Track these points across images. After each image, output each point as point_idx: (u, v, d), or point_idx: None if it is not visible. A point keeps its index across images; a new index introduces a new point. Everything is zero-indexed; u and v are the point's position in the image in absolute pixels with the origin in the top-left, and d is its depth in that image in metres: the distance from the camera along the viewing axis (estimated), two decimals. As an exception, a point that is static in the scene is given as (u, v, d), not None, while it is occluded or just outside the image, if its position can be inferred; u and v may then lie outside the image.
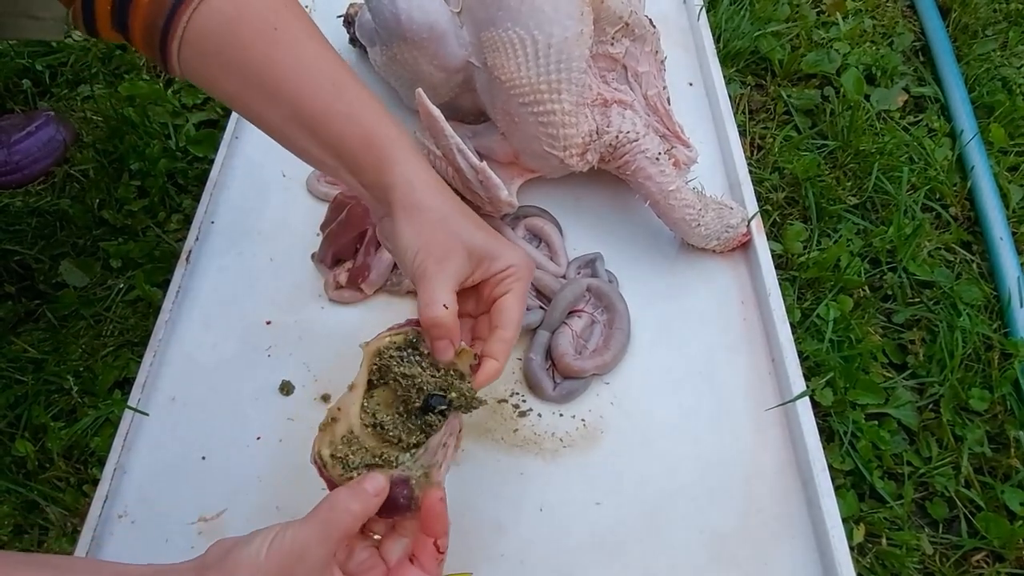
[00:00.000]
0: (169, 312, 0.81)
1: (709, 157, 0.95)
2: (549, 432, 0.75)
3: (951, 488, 0.84)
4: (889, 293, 0.99)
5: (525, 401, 0.77)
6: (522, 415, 0.76)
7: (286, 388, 0.78)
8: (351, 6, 1.05)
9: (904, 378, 0.91)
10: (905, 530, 0.81)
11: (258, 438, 0.75)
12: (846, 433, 0.85)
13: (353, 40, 1.05)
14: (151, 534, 0.69)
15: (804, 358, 0.88)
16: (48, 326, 0.94)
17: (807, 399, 0.74)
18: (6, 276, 0.99)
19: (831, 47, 1.26)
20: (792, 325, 0.80)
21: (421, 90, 0.77)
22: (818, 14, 1.33)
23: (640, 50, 0.85)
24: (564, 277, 0.84)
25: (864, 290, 0.99)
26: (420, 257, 0.56)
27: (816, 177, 1.08)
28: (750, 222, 0.86)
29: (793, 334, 0.78)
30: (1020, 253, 1.02)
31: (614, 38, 0.82)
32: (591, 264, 0.85)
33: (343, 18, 1.06)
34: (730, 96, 1.01)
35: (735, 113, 1.00)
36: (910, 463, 0.85)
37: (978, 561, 0.80)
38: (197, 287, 0.85)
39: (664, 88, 0.88)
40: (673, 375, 0.79)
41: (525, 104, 0.80)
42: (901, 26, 1.32)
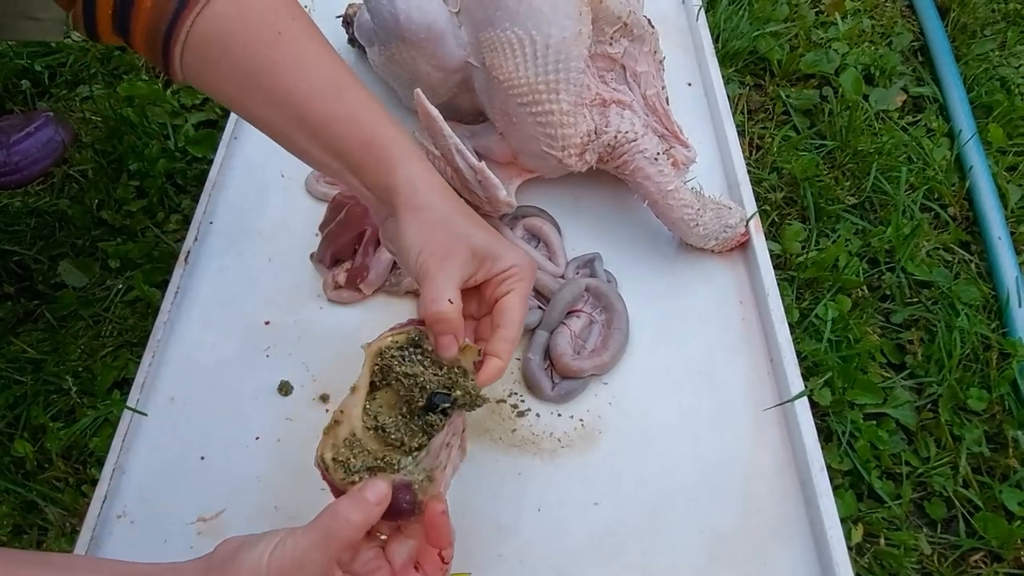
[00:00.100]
0: (168, 312, 0.81)
1: (708, 157, 0.95)
2: (547, 432, 0.75)
3: (949, 488, 0.84)
4: (887, 293, 0.99)
5: (524, 401, 0.77)
6: (520, 415, 0.76)
7: (285, 388, 0.78)
8: (350, 6, 1.05)
9: (902, 378, 0.91)
10: (903, 530, 0.81)
11: (257, 438, 0.75)
12: (844, 433, 0.85)
13: (352, 40, 1.05)
14: (150, 534, 0.70)
15: (802, 358, 0.88)
16: (47, 326, 0.95)
17: (805, 399, 0.74)
18: (5, 276, 0.99)
19: (830, 47, 1.26)
20: (790, 325, 0.80)
21: (419, 90, 0.77)
22: (817, 14, 1.33)
23: (639, 50, 0.85)
24: (563, 277, 0.84)
25: (862, 290, 0.99)
26: (423, 256, 0.56)
27: (814, 177, 1.08)
28: (748, 222, 0.86)
29: (791, 334, 0.79)
30: (1018, 253, 1.02)
31: (612, 38, 0.83)
32: (590, 264, 0.85)
33: (342, 18, 1.06)
34: (729, 96, 1.01)
35: (734, 113, 1.01)
36: (908, 463, 0.85)
37: (976, 561, 0.80)
38: (196, 287, 0.85)
39: (663, 88, 0.88)
40: (672, 375, 0.79)
41: (523, 104, 0.80)
42: (900, 26, 1.32)
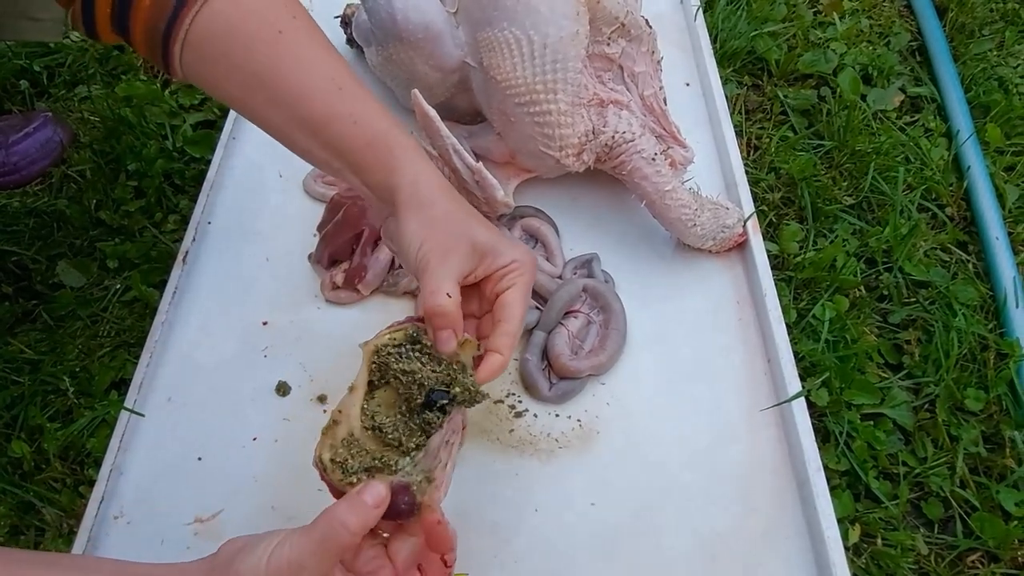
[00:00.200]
0: (166, 313, 0.81)
1: (705, 157, 0.95)
2: (545, 433, 0.75)
3: (946, 488, 0.84)
4: (885, 293, 0.99)
5: (521, 402, 0.77)
6: (518, 416, 0.76)
7: (282, 389, 0.78)
8: (348, 7, 1.05)
9: (900, 378, 0.92)
10: (900, 530, 0.81)
11: (254, 439, 0.75)
12: (841, 433, 0.86)
13: (350, 41, 1.05)
14: (147, 535, 0.69)
15: (800, 358, 0.88)
16: (45, 327, 0.95)
17: (803, 399, 0.74)
18: (3, 276, 0.99)
19: (828, 47, 1.26)
20: (788, 325, 0.80)
21: (417, 91, 0.77)
22: (815, 14, 1.33)
23: (636, 50, 0.85)
24: (560, 277, 0.84)
25: (860, 290, 0.99)
26: (423, 251, 0.56)
27: (812, 177, 1.08)
28: (746, 222, 0.86)
29: (789, 334, 0.79)
30: (1016, 253, 1.02)
31: (610, 38, 0.83)
32: (587, 264, 0.85)
33: (340, 18, 1.06)
34: (727, 96, 1.01)
35: (731, 113, 1.01)
36: (905, 463, 0.85)
37: (973, 561, 0.80)
38: (194, 288, 0.85)
39: (660, 88, 0.88)
40: (669, 375, 0.79)
41: (521, 104, 0.80)
42: (898, 26, 1.32)
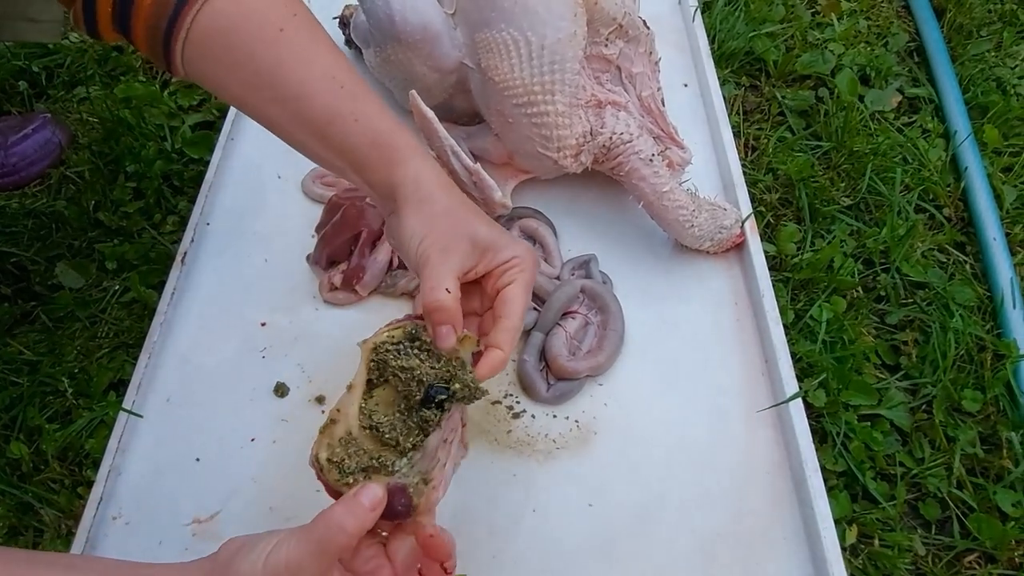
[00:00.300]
0: (164, 314, 0.81)
1: (703, 158, 0.95)
2: (542, 433, 0.75)
3: (943, 489, 0.84)
4: (882, 294, 0.99)
5: (519, 402, 0.77)
6: (516, 416, 0.76)
7: (280, 390, 0.78)
8: (346, 8, 1.05)
9: (897, 379, 0.92)
10: (897, 531, 0.81)
11: (252, 440, 0.75)
12: (839, 434, 0.86)
13: (349, 42, 1.05)
14: (145, 536, 0.70)
15: (797, 359, 0.88)
16: (43, 328, 0.95)
17: (800, 400, 0.74)
18: (2, 278, 0.99)
19: (826, 48, 1.26)
20: (785, 326, 0.81)
21: (415, 92, 0.77)
22: (813, 15, 1.34)
23: (634, 51, 0.85)
24: (558, 278, 0.84)
25: (857, 291, 0.99)
26: (423, 247, 0.56)
27: (810, 178, 1.08)
28: (744, 223, 0.86)
29: (786, 335, 0.79)
30: (1013, 254, 1.02)
31: (608, 39, 0.83)
32: (585, 265, 0.85)
33: (339, 19, 1.06)
34: (724, 97, 1.01)
35: (729, 114, 1.01)
36: (903, 464, 0.86)
37: (970, 562, 0.81)
38: (192, 289, 0.85)
39: (658, 89, 0.88)
40: (666, 376, 0.79)
41: (519, 105, 0.80)
42: (896, 27, 1.33)
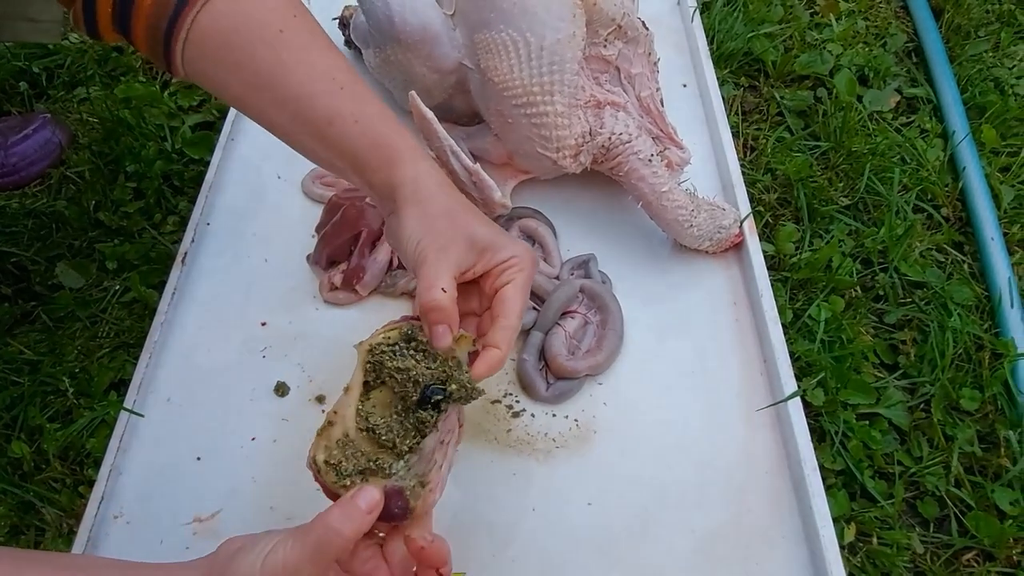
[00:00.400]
0: (165, 314, 0.81)
1: (702, 158, 0.95)
2: (542, 432, 0.75)
3: (942, 487, 0.84)
4: (881, 293, 1.00)
5: (519, 402, 0.77)
6: (515, 416, 0.76)
7: (281, 389, 0.78)
8: (346, 8, 1.06)
9: (895, 378, 0.92)
10: (896, 529, 0.82)
11: (253, 439, 0.75)
12: (837, 433, 0.86)
13: (348, 42, 1.06)
14: (146, 535, 0.70)
15: (796, 358, 0.89)
16: (44, 328, 0.95)
17: (798, 399, 0.74)
18: (2, 278, 0.99)
19: (824, 48, 1.26)
20: (784, 325, 0.81)
21: (414, 92, 0.78)
22: (811, 15, 1.34)
23: (633, 52, 0.85)
24: (557, 278, 0.84)
25: (856, 290, 0.99)
26: (422, 245, 0.56)
27: (808, 178, 1.09)
28: (742, 223, 0.86)
29: (785, 334, 0.79)
30: (1011, 253, 1.03)
31: (607, 40, 0.83)
32: (584, 265, 0.85)
33: (338, 20, 1.07)
34: (723, 97, 1.01)
35: (728, 114, 1.01)
36: (901, 463, 0.86)
37: (968, 560, 0.81)
38: (193, 289, 0.85)
39: (657, 90, 0.88)
40: (665, 375, 0.79)
41: (518, 106, 0.81)
42: (894, 27, 1.33)
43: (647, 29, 0.86)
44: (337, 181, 0.92)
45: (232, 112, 1.00)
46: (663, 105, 0.89)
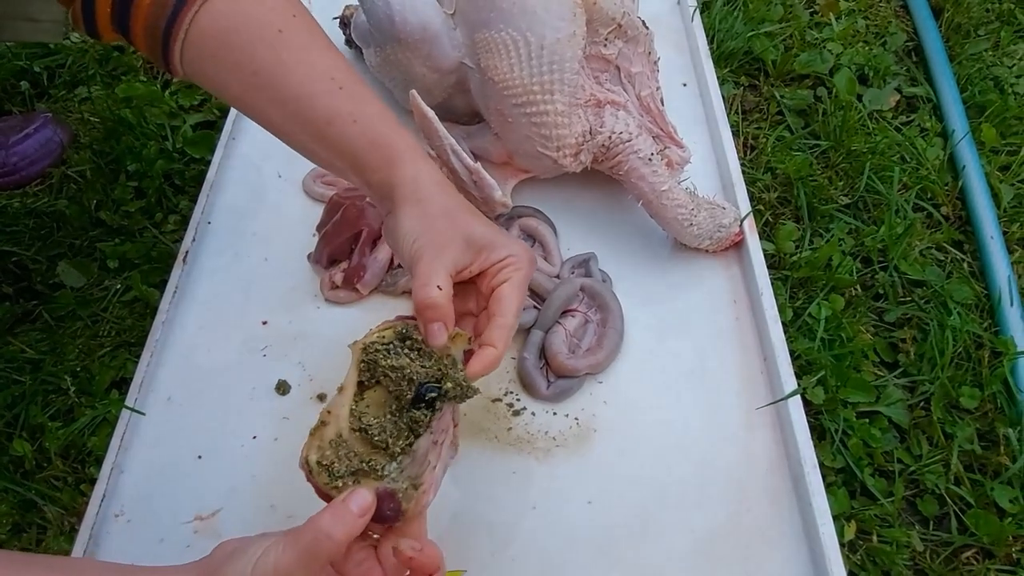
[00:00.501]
0: (166, 312, 0.81)
1: (702, 157, 0.95)
2: (542, 431, 0.76)
3: (941, 485, 0.84)
4: (880, 292, 1.00)
5: (519, 400, 0.77)
6: (516, 414, 0.77)
7: (282, 388, 0.78)
8: (347, 8, 1.06)
9: (895, 376, 0.92)
10: (896, 527, 0.82)
11: (254, 437, 0.75)
12: (837, 431, 0.86)
13: (349, 42, 1.06)
14: (148, 533, 0.70)
15: (796, 357, 0.89)
16: (45, 326, 0.95)
17: (798, 397, 0.74)
18: (3, 277, 0.99)
19: (824, 47, 1.26)
20: (784, 324, 0.81)
21: (415, 91, 0.78)
22: (811, 15, 1.34)
23: (633, 51, 0.86)
24: (558, 277, 0.84)
25: (855, 289, 0.99)
26: (417, 244, 0.56)
27: (808, 177, 1.09)
28: (743, 222, 0.86)
29: (785, 333, 0.79)
30: (1011, 252, 1.03)
31: (607, 39, 0.83)
32: (585, 264, 0.85)
33: (339, 20, 1.07)
34: (723, 96, 1.01)
35: (728, 113, 1.01)
36: (901, 461, 0.86)
37: (968, 558, 0.81)
38: (194, 287, 0.86)
39: (657, 89, 0.88)
40: (666, 374, 0.79)
41: (518, 105, 0.81)
42: (894, 26, 1.33)
43: (647, 28, 0.86)
44: (338, 180, 0.92)
45: (233, 111, 1.00)
46: (663, 104, 0.89)
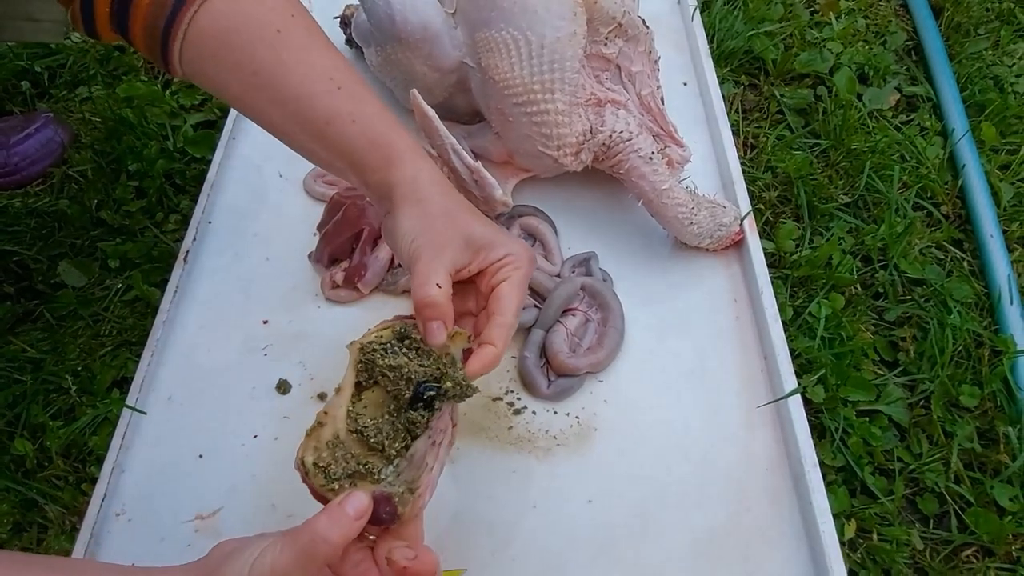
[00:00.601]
0: (167, 312, 0.81)
1: (702, 156, 0.95)
2: (543, 430, 0.76)
3: (941, 484, 0.84)
4: (880, 291, 1.00)
5: (520, 399, 0.78)
6: (516, 413, 0.77)
7: (283, 387, 0.78)
8: (347, 7, 1.06)
9: (895, 375, 0.92)
10: (896, 525, 0.82)
11: (255, 437, 0.75)
12: (837, 430, 0.86)
13: (349, 41, 1.06)
14: (148, 532, 0.70)
15: (796, 355, 0.89)
16: (46, 326, 0.95)
17: (799, 396, 0.74)
18: (5, 276, 0.99)
19: (824, 47, 1.27)
20: (784, 323, 0.81)
21: (415, 91, 0.78)
22: (811, 14, 1.34)
23: (634, 50, 0.86)
24: (559, 276, 0.84)
25: (856, 288, 1.00)
26: (416, 243, 0.56)
27: (808, 176, 1.09)
28: (743, 221, 0.86)
29: (785, 332, 0.79)
30: (1010, 251, 1.03)
31: (607, 38, 0.83)
32: (585, 263, 0.86)
33: (339, 19, 1.07)
34: (723, 96, 1.01)
35: (728, 112, 1.01)
36: (901, 459, 0.86)
37: (968, 556, 0.81)
38: (195, 287, 0.86)
39: (658, 88, 0.88)
40: (666, 373, 0.79)
41: (519, 104, 0.81)
42: (894, 25, 1.33)
43: (647, 27, 0.87)
44: (338, 179, 0.92)
45: (233, 111, 1.00)
46: (663, 103, 0.89)
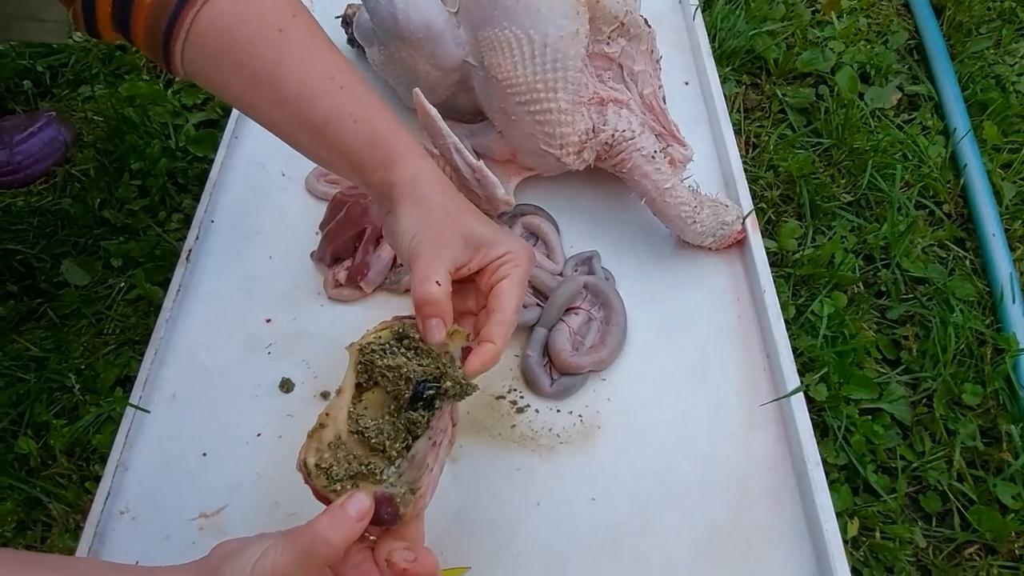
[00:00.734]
0: (170, 311, 0.82)
1: (704, 155, 0.95)
2: (546, 428, 0.76)
3: (944, 482, 0.84)
4: (883, 289, 1.00)
5: (523, 397, 0.78)
6: (519, 411, 0.77)
7: (286, 385, 0.78)
8: (349, 6, 1.06)
9: (898, 373, 0.92)
10: (898, 523, 0.82)
11: (258, 435, 0.75)
12: (840, 428, 0.86)
13: (351, 40, 1.06)
14: (152, 530, 0.70)
15: (798, 354, 0.89)
16: (50, 325, 0.95)
17: (801, 394, 0.74)
18: (8, 275, 0.99)
19: (826, 46, 1.27)
20: (786, 321, 0.81)
21: (418, 90, 0.78)
22: (813, 13, 1.34)
23: (636, 49, 0.86)
24: (561, 275, 0.84)
25: (858, 286, 1.00)
26: (416, 242, 0.56)
27: (810, 175, 1.09)
28: (745, 220, 0.86)
29: (787, 330, 0.79)
30: (1012, 249, 1.03)
31: (610, 37, 0.83)
32: (588, 262, 0.86)
33: (341, 18, 1.07)
34: (725, 95, 1.02)
35: (730, 111, 1.01)
36: (903, 457, 0.86)
37: (971, 554, 0.81)
38: (197, 286, 0.86)
39: (660, 87, 0.88)
40: (669, 371, 0.80)
41: (522, 103, 0.81)
42: (895, 24, 1.33)
43: (649, 26, 0.87)
44: (341, 178, 0.92)
45: (236, 110, 1.00)
46: (665, 102, 0.89)
